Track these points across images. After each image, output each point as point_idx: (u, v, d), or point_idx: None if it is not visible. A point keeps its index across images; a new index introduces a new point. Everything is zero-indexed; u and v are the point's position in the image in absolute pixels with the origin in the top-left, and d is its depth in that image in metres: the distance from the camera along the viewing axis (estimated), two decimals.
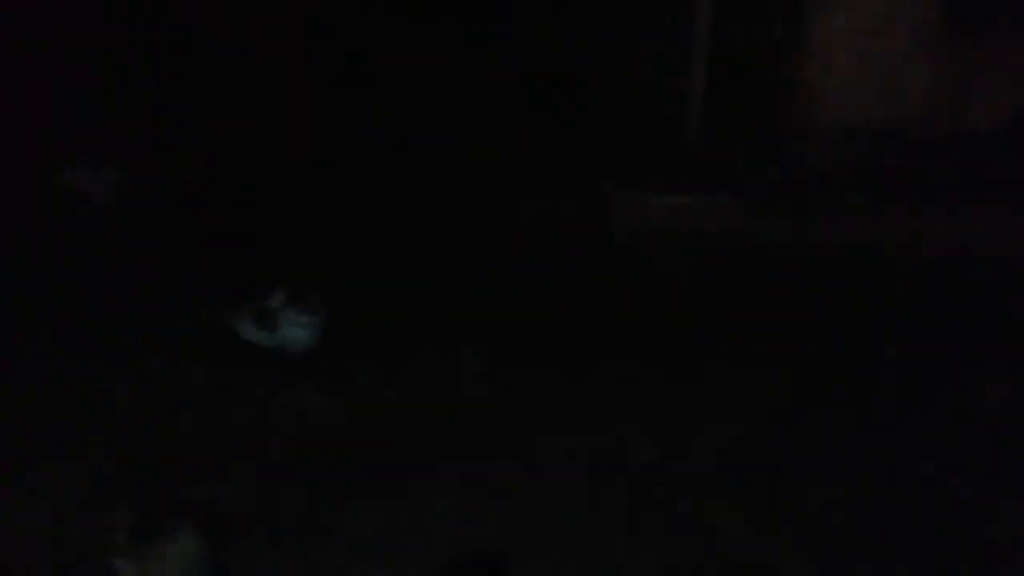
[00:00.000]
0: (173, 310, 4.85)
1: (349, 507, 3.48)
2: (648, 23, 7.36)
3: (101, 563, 2.75)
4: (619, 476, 3.74)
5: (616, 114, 7.20)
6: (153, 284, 5.14)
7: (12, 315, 4.80)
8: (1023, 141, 6.23)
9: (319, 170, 6.96)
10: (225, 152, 6.83)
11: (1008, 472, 3.83)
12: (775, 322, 5.06)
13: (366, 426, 4.04)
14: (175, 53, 7.38)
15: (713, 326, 5.00)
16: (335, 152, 7.22)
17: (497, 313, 5.09)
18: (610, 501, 3.59)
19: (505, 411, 4.19)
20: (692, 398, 4.33)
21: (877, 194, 6.12)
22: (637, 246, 5.96)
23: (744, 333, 4.93)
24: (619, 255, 5.88)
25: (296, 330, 4.38)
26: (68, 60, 6.85)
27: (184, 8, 7.65)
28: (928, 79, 6.22)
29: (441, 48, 8.02)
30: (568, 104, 7.59)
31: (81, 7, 7.15)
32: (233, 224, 6.07)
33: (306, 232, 6.03)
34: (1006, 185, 6.02)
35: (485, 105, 7.71)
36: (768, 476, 3.78)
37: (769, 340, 4.86)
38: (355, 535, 3.34)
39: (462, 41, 8.13)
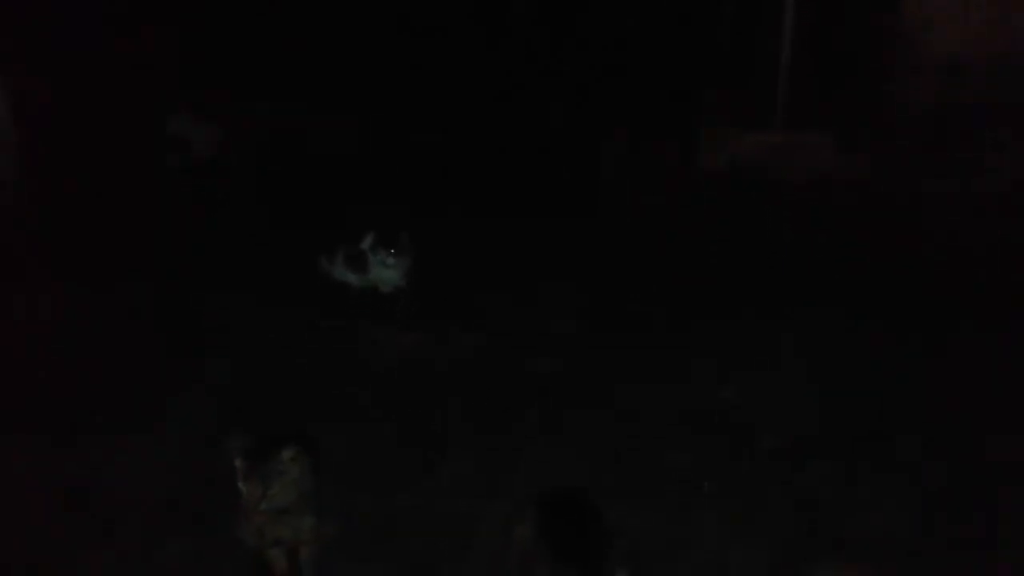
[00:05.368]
0: (272, 255, 5.03)
1: (438, 445, 3.58)
2: None
3: (225, 487, 2.92)
4: (714, 432, 3.70)
5: (707, 55, 7.08)
6: (253, 229, 5.34)
7: (120, 262, 5.04)
8: None
9: (418, 122, 7.06)
10: (317, 103, 6.99)
11: None
12: (870, 269, 4.95)
13: (454, 366, 4.13)
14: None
15: (805, 275, 4.91)
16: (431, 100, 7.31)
17: (587, 255, 5.13)
18: (703, 456, 3.55)
19: (595, 357, 4.22)
20: (791, 356, 4.24)
21: (982, 131, 5.91)
22: (727, 184, 5.90)
23: (840, 283, 4.83)
24: (709, 194, 5.82)
25: (386, 271, 4.50)
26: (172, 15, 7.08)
27: None
28: None
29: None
30: (662, 47, 7.49)
31: None
32: (324, 169, 6.23)
33: (396, 176, 6.13)
34: None
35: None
36: (868, 440, 3.67)
37: (870, 291, 4.76)
38: (444, 471, 3.44)
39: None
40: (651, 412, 3.77)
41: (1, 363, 4.17)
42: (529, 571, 2.76)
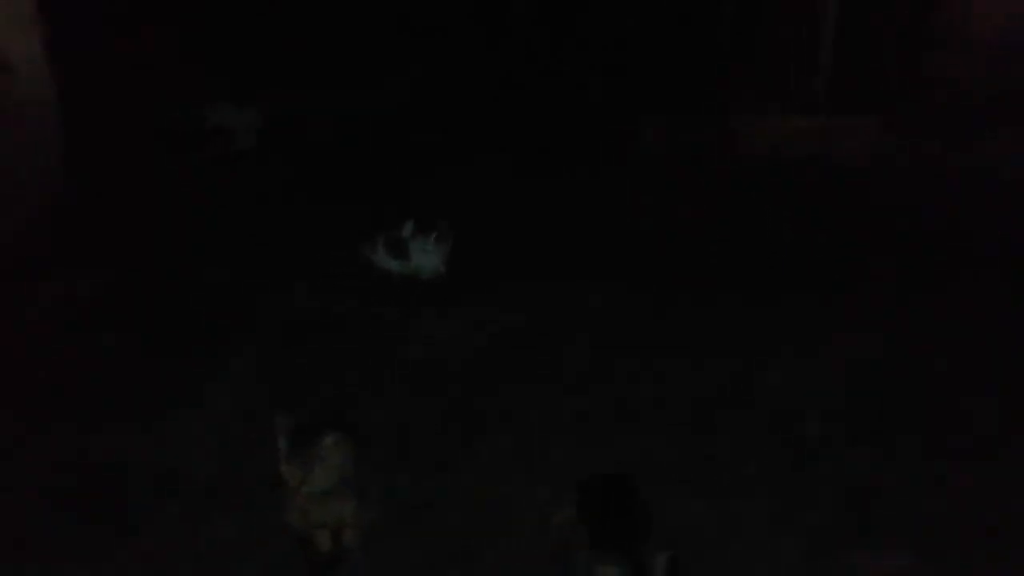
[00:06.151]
0: (313, 242, 5.07)
1: (479, 427, 3.61)
2: None
3: (261, 467, 2.99)
4: (746, 402, 3.74)
5: (748, 38, 6.99)
6: (294, 217, 5.39)
7: (164, 252, 5.11)
8: None
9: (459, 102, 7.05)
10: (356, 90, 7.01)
11: None
12: (916, 253, 4.89)
13: (494, 351, 4.15)
14: None
15: (847, 252, 4.90)
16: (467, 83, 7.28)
17: (625, 236, 5.13)
18: (735, 425, 3.59)
19: (630, 337, 4.23)
20: (821, 326, 4.26)
21: None
22: (768, 170, 5.84)
23: (880, 261, 4.80)
24: (750, 179, 5.77)
25: (426, 257, 4.53)
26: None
27: None
28: None
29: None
30: (701, 29, 7.40)
31: None
32: (364, 157, 6.25)
33: (435, 162, 6.14)
34: None
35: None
36: (898, 408, 3.69)
37: (909, 268, 4.72)
38: (483, 455, 3.46)
39: None
40: (691, 397, 3.77)
41: (48, 345, 4.26)
42: (569, 554, 2.78)
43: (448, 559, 2.98)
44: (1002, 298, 4.42)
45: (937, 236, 5.02)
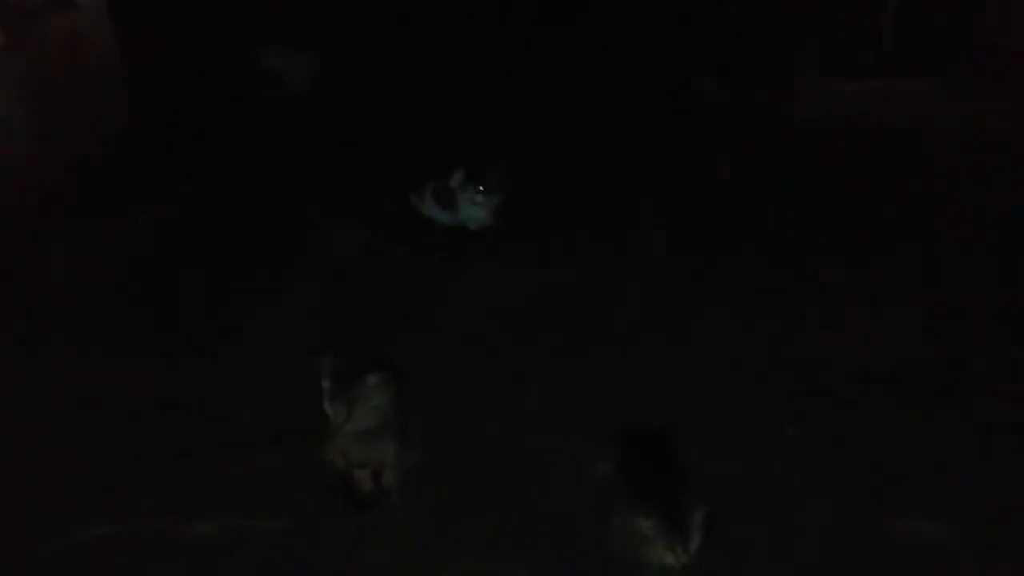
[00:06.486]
0: (361, 189, 5.10)
1: (521, 379, 3.62)
2: None
3: (306, 406, 3.06)
4: (789, 361, 3.72)
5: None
6: (342, 163, 5.42)
7: (217, 192, 5.18)
8: None
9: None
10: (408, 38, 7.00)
11: None
12: (968, 213, 4.80)
13: (540, 302, 4.16)
14: None
15: (898, 216, 4.81)
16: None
17: (677, 194, 5.10)
18: (777, 383, 3.58)
19: (676, 291, 4.22)
20: (869, 289, 4.22)
21: None
22: (824, 132, 5.75)
23: (932, 225, 4.72)
24: (805, 142, 5.69)
25: (474, 209, 4.52)
26: None
27: None
28: None
29: None
30: None
31: None
32: (414, 107, 6.25)
33: (486, 112, 6.12)
34: None
35: None
36: (944, 378, 3.63)
37: (961, 234, 4.63)
38: (525, 405, 3.48)
39: None
40: (734, 355, 3.76)
41: (96, 280, 4.36)
42: (607, 508, 2.80)
43: (487, 505, 3.02)
44: None
45: (993, 202, 4.92)
